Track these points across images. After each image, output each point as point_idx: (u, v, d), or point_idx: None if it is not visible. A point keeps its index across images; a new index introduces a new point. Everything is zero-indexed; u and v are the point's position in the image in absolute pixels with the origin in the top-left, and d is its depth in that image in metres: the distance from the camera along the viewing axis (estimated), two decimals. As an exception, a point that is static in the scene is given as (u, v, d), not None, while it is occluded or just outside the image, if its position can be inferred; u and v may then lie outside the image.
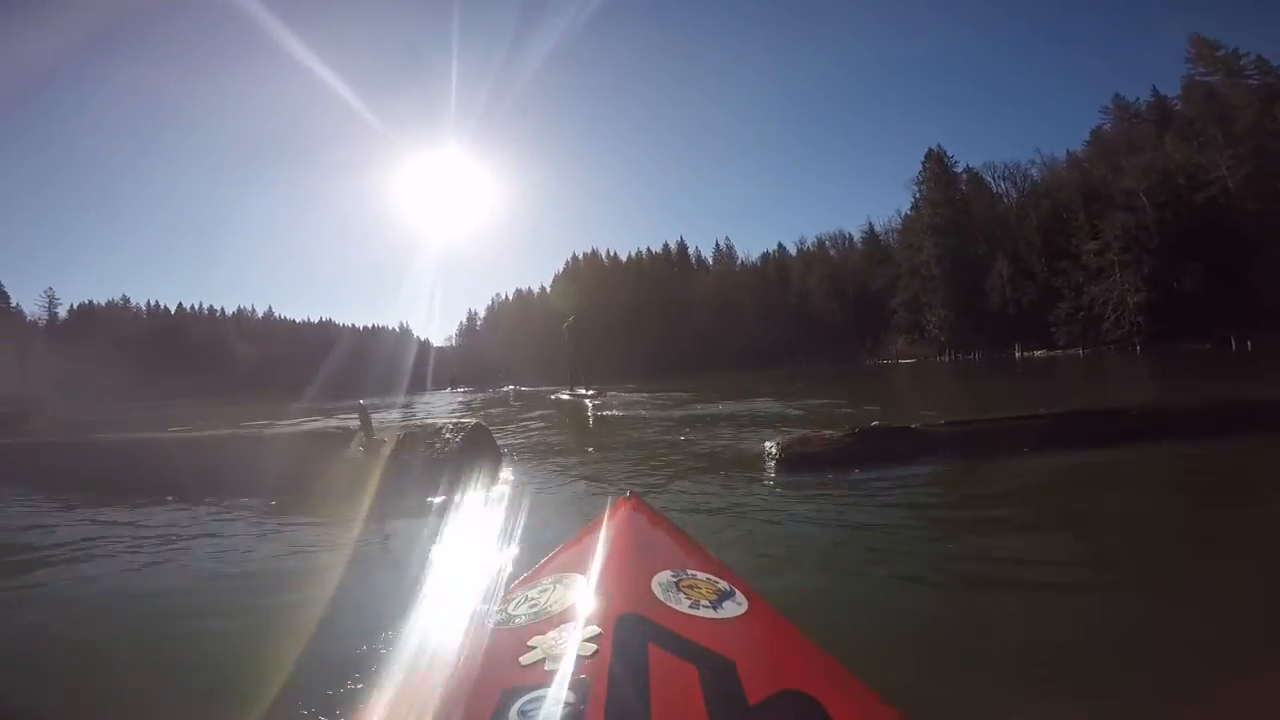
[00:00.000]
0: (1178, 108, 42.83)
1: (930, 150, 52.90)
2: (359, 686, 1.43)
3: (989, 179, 52.35)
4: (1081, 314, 38.98)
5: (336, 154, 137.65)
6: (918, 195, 53.15)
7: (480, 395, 31.79)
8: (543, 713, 0.68)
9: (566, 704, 0.68)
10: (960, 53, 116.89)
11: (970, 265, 47.01)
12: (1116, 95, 48.09)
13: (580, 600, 0.96)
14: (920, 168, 52.91)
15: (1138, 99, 47.13)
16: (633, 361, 52.93)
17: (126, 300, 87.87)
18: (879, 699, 0.80)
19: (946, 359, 42.95)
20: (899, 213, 58.41)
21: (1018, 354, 39.04)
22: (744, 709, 0.70)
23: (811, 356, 49.42)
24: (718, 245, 74.14)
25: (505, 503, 3.54)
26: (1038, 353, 38.27)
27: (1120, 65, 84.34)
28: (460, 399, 29.83)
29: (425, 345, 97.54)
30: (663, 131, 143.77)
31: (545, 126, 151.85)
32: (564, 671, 0.74)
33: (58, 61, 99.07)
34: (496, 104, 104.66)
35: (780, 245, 70.63)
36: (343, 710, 1.35)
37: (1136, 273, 36.48)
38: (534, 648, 0.82)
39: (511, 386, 38.50)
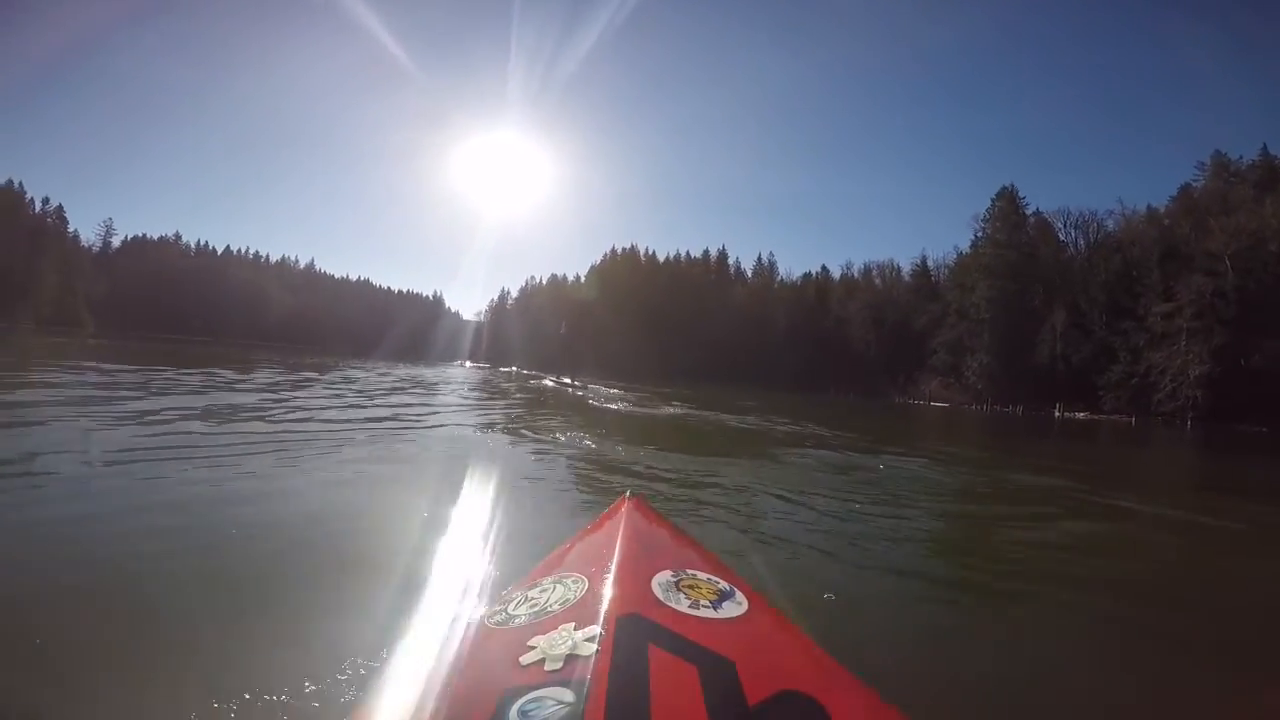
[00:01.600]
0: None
1: (1003, 188, 49.97)
2: (359, 687, 1.43)
3: (1059, 225, 49.44)
4: (1135, 380, 36.04)
5: (393, 120, 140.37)
6: (980, 234, 50.53)
7: (482, 374, 31.14)
8: (543, 713, 0.67)
9: (566, 704, 0.68)
10: (1042, 91, 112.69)
11: (1023, 313, 44.27)
12: (1217, 151, 44.45)
13: (580, 600, 0.96)
14: (990, 204, 50.23)
15: (1241, 157, 43.31)
16: (654, 362, 52.08)
17: (178, 236, 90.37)
18: (879, 698, 0.80)
19: (981, 409, 40.52)
20: (956, 249, 55.78)
21: (1057, 414, 36.52)
22: (744, 709, 0.70)
23: (840, 385, 47.41)
24: (759, 259, 72.28)
25: None
26: (1079, 415, 35.68)
27: (1222, 122, 79.27)
28: (466, 373, 29.30)
29: (455, 317, 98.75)
30: (718, 135, 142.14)
31: (598, 116, 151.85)
32: (564, 672, 0.75)
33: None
34: (552, 83, 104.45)
35: (824, 268, 68.48)
36: (343, 710, 1.33)
37: (1205, 342, 33.50)
38: (534, 648, 0.82)
39: (515, 368, 38.80)
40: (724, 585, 1.04)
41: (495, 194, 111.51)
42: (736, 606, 0.97)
